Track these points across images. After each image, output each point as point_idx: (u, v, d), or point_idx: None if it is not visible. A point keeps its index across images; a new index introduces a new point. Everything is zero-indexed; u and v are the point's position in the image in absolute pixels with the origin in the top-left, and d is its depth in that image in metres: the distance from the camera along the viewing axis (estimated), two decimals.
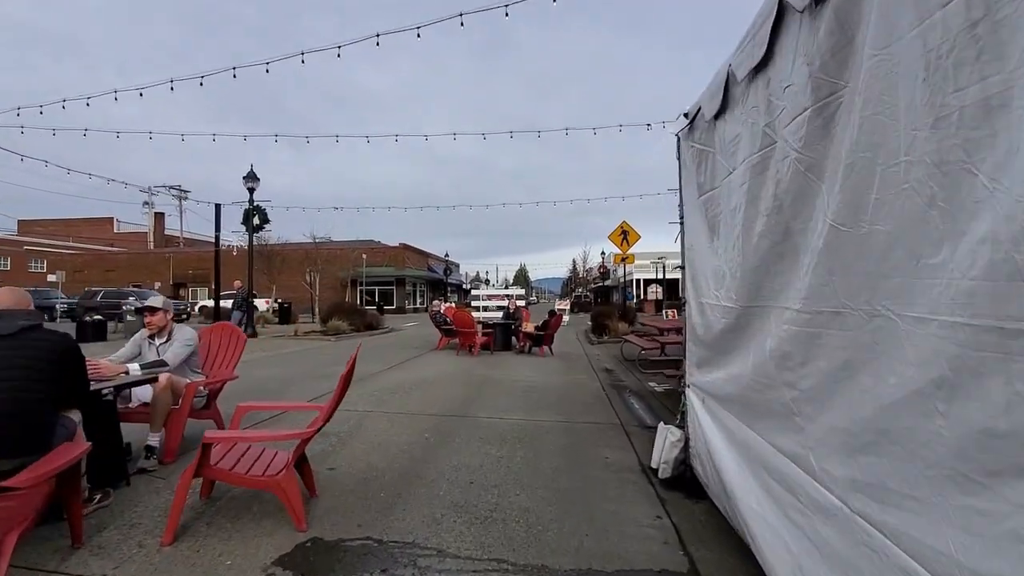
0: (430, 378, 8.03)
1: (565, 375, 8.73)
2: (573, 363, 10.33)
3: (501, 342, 12.05)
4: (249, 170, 16.36)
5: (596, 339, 14.97)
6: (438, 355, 11.33)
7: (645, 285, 48.92)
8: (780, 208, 2.13)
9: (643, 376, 8.47)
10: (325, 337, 15.87)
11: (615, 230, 16.81)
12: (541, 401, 6.45)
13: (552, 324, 11.30)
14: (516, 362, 10.34)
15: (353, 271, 40.33)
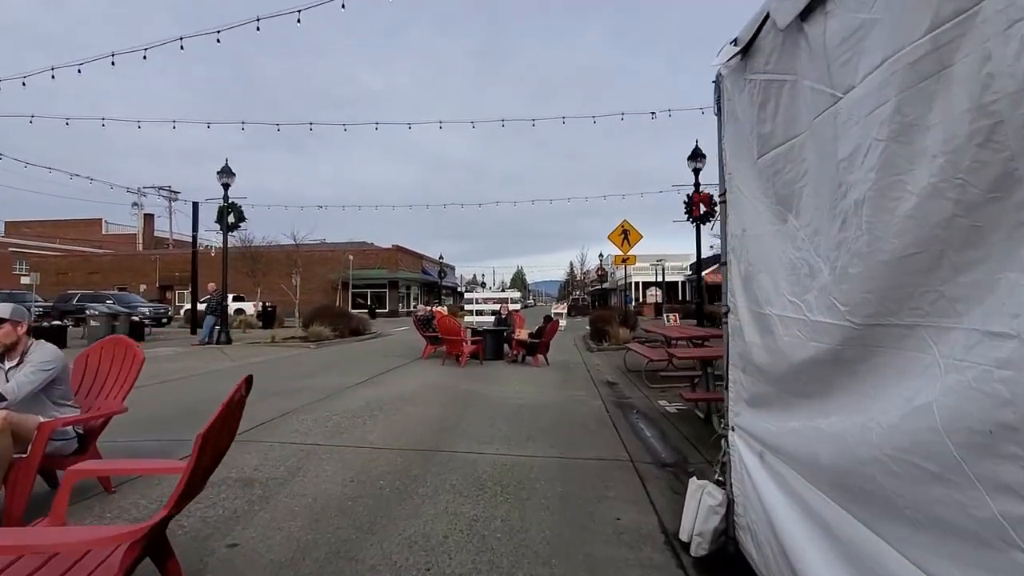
0: (406, 395, 6.95)
1: (562, 390, 7.67)
2: (571, 375, 9.27)
3: (492, 350, 10.98)
4: (224, 164, 15.27)
5: (595, 346, 13.92)
6: (422, 365, 10.25)
7: (644, 288, 47.93)
8: (990, 136, 1.08)
9: (651, 392, 7.42)
10: (304, 344, 14.76)
11: (615, 230, 15.79)
12: (533, 425, 5.38)
13: (548, 331, 10.25)
14: (507, 374, 9.27)
15: (344, 273, 39.22)
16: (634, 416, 5.98)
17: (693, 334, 7.67)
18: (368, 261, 42.02)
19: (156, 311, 26.53)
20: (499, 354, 11.12)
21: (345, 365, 10.30)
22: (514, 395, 7.12)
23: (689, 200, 13.72)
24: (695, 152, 13.80)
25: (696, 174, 13.81)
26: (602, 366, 10.55)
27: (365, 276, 40.60)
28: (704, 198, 13.59)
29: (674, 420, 5.68)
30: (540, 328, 10.48)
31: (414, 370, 9.60)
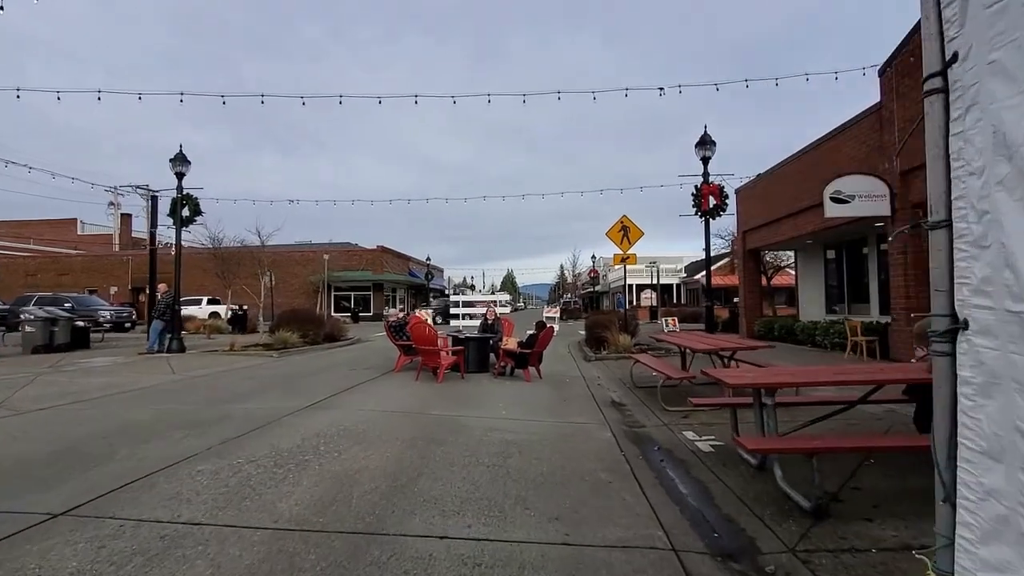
0: (360, 426, 5.41)
1: (560, 415, 6.17)
2: (569, 392, 7.78)
3: (475, 362, 9.47)
4: (178, 151, 13.64)
5: (593, 354, 12.45)
6: (392, 381, 8.71)
7: (638, 291, 46.65)
8: None
9: (670, 418, 5.94)
10: (266, 352, 13.15)
11: (614, 226, 14.35)
12: (524, 476, 3.88)
13: (540, 339, 8.76)
14: (493, 391, 7.76)
15: (327, 275, 37.47)
16: (657, 457, 4.50)
17: (720, 345, 6.23)
18: (352, 262, 40.31)
19: (119, 315, 24.69)
20: (484, 365, 9.61)
21: (301, 380, 8.73)
22: (499, 424, 5.61)
23: (697, 192, 12.33)
24: (703, 139, 12.44)
25: (705, 163, 12.44)
26: (604, 380, 9.07)
27: (348, 278, 38.88)
28: (713, 189, 12.22)
29: (713, 465, 4.21)
30: (532, 335, 9.00)
31: (381, 387, 8.05)
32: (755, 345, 6.07)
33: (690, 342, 6.97)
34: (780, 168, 15.36)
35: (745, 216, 17.74)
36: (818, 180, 12.93)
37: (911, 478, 3.75)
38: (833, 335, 12.37)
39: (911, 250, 9.87)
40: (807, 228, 13.75)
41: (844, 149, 11.89)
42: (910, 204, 9.89)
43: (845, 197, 10.16)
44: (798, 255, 18.33)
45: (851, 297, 15.16)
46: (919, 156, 9.39)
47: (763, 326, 16.50)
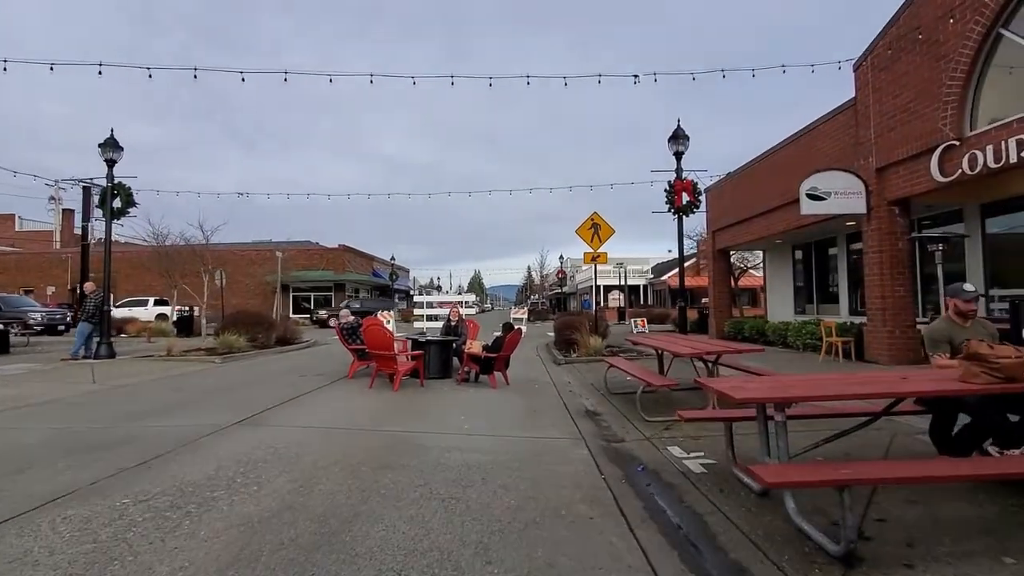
0: (292, 448, 4.58)
1: (529, 430, 5.48)
2: (538, 401, 7.10)
3: (437, 367, 8.69)
4: (109, 135, 12.35)
5: (563, 358, 11.84)
6: (342, 389, 7.85)
7: (606, 292, 46.53)
8: None
9: (651, 429, 5.33)
10: (209, 357, 12.02)
11: (584, 223, 13.81)
12: (485, 516, 3.17)
13: (507, 342, 8.06)
14: (454, 401, 7.02)
15: (284, 275, 35.83)
16: (643, 481, 3.86)
17: (704, 349, 5.67)
18: (312, 262, 38.74)
19: (51, 317, 22.73)
20: (446, 371, 8.85)
21: (239, 390, 7.78)
22: (460, 441, 4.87)
23: (670, 188, 11.89)
24: (676, 133, 12.00)
25: (678, 158, 12.01)
26: (576, 386, 8.44)
27: (308, 278, 37.32)
28: (687, 186, 11.79)
29: (709, 491, 3.59)
30: (498, 338, 8.28)
31: (328, 398, 7.19)
32: (741, 348, 5.54)
33: (670, 345, 6.39)
34: (751, 166, 15.14)
35: (715, 215, 17.52)
36: (790, 178, 12.69)
37: (940, 504, 3.21)
38: (805, 336, 12.12)
39: (887, 249, 9.62)
40: (778, 227, 13.52)
41: (818, 146, 11.66)
42: (886, 201, 9.65)
43: (821, 194, 9.86)
44: (767, 255, 18.23)
45: (820, 297, 15.05)
46: (896, 151, 9.13)
47: (733, 327, 16.26)
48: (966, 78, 8.03)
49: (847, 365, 9.70)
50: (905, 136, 9.02)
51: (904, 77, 9.09)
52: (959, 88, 8.09)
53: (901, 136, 9.11)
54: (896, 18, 9.31)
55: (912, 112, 8.89)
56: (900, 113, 9.15)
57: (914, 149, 8.81)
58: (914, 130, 8.83)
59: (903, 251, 9.62)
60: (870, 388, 3.09)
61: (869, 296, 9.99)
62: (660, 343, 6.77)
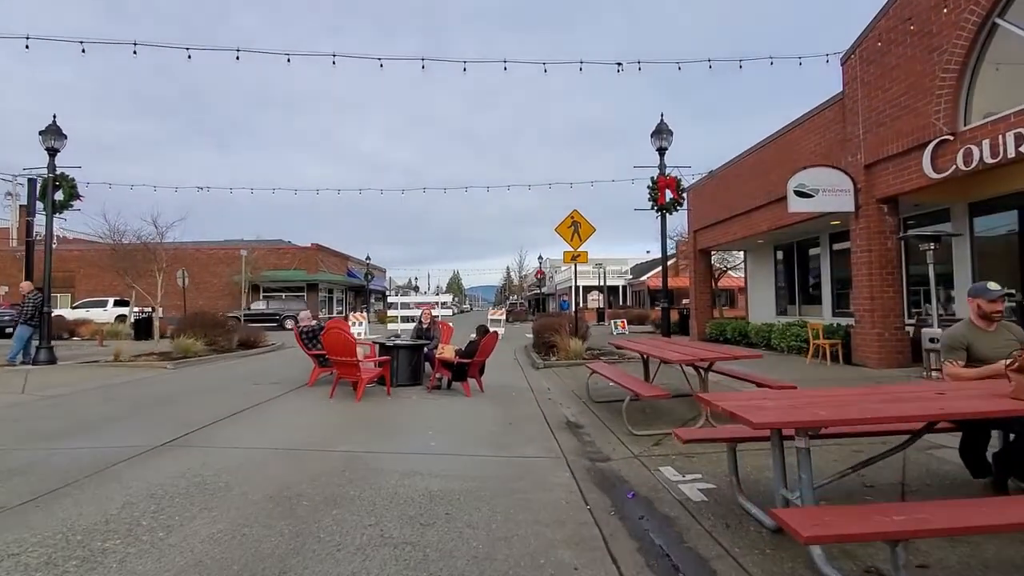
0: (223, 477, 3.90)
1: (504, 447, 4.88)
2: (515, 411, 6.51)
3: (406, 373, 8.04)
4: (51, 122, 11.35)
5: (541, 361, 11.28)
6: (299, 400, 7.14)
7: (585, 292, 46.23)
8: None
9: (637, 444, 4.79)
10: (161, 363, 11.12)
11: (564, 221, 13.26)
12: (445, 567, 2.56)
13: (482, 347, 7.45)
14: (422, 413, 6.38)
15: (254, 275, 34.59)
16: (636, 513, 3.30)
17: (696, 355, 5.15)
18: (284, 261, 37.50)
19: None
20: (416, 377, 8.20)
21: (182, 401, 7.02)
22: (424, 463, 4.25)
23: (653, 185, 11.44)
24: (659, 128, 11.56)
25: (661, 154, 11.57)
26: (555, 392, 7.88)
27: (279, 278, 36.10)
28: (670, 183, 11.36)
29: (713, 526, 3.04)
30: (472, 343, 7.67)
31: (281, 410, 6.48)
32: (737, 354, 5.04)
33: (657, 350, 5.87)
34: (733, 165, 14.82)
35: (697, 215, 17.19)
36: (774, 176, 12.36)
37: (983, 544, 2.72)
38: (790, 337, 11.80)
39: (876, 248, 9.31)
40: (762, 226, 13.20)
41: (803, 143, 11.34)
42: (875, 199, 9.34)
43: (809, 191, 9.50)
44: (748, 255, 17.99)
45: (803, 299, 14.81)
46: (885, 147, 8.80)
47: (714, 328, 15.94)
48: (960, 70, 7.73)
49: (835, 369, 9.35)
50: (895, 131, 8.70)
51: (894, 70, 8.78)
52: (953, 81, 7.79)
53: (891, 131, 8.79)
54: (886, 9, 9.00)
55: (903, 106, 8.57)
56: (890, 108, 8.83)
57: (905, 145, 8.49)
58: (905, 125, 8.52)
59: (892, 250, 9.32)
60: (907, 408, 2.58)
61: (857, 297, 9.67)
62: (646, 348, 6.25)
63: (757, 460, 3.99)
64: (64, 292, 38.38)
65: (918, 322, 9.74)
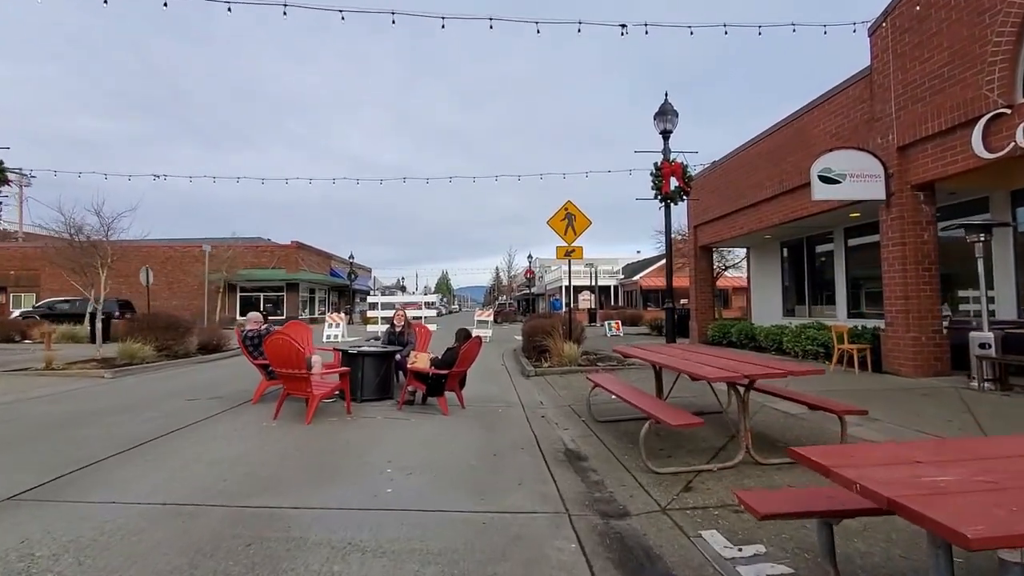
0: (65, 559, 2.64)
1: (484, 495, 3.64)
2: (501, 437, 5.28)
3: (373, 386, 6.79)
4: None
5: (532, 368, 10.08)
6: (236, 421, 5.86)
7: (576, 292, 45.16)
8: None
9: (661, 488, 3.60)
10: (98, 371, 9.75)
11: (557, 213, 12.07)
12: None
13: (462, 355, 6.21)
14: (383, 440, 5.14)
15: (230, 273, 33.05)
16: None
17: (739, 370, 3.97)
18: (262, 259, 35.94)
19: None
20: (386, 390, 6.95)
21: (86, 425, 5.69)
22: (368, 528, 3.01)
23: (656, 171, 10.28)
24: (664, 109, 10.42)
25: (665, 137, 10.42)
26: (549, 407, 6.69)
27: (257, 277, 34.57)
28: (676, 169, 10.21)
29: None
30: (450, 350, 6.44)
31: (204, 437, 5.18)
32: (793, 369, 3.85)
33: (679, 361, 4.67)
34: (739, 154, 13.74)
35: (698, 209, 16.10)
36: (787, 164, 11.28)
37: None
38: (805, 341, 10.72)
39: (911, 241, 8.23)
40: (772, 220, 12.12)
41: (822, 126, 10.25)
42: (909, 185, 8.26)
43: (836, 176, 8.40)
44: (751, 253, 16.94)
45: (813, 299, 13.77)
46: (924, 126, 7.70)
47: (717, 330, 14.86)
48: (1018, 33, 6.65)
49: (865, 378, 8.24)
50: (936, 107, 7.62)
51: (935, 37, 7.70)
52: (1010, 45, 6.71)
53: (931, 107, 7.71)
54: None
55: (946, 78, 7.50)
56: (930, 80, 7.75)
57: (948, 122, 7.42)
58: (948, 99, 7.44)
59: (929, 243, 8.24)
60: None
61: (888, 297, 8.58)
62: (662, 358, 5.05)
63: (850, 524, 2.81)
64: (29, 292, 36.54)
65: (951, 325, 8.68)
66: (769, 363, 4.17)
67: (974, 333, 7.16)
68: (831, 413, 4.01)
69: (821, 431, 5.02)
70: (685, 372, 4.12)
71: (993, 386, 6.90)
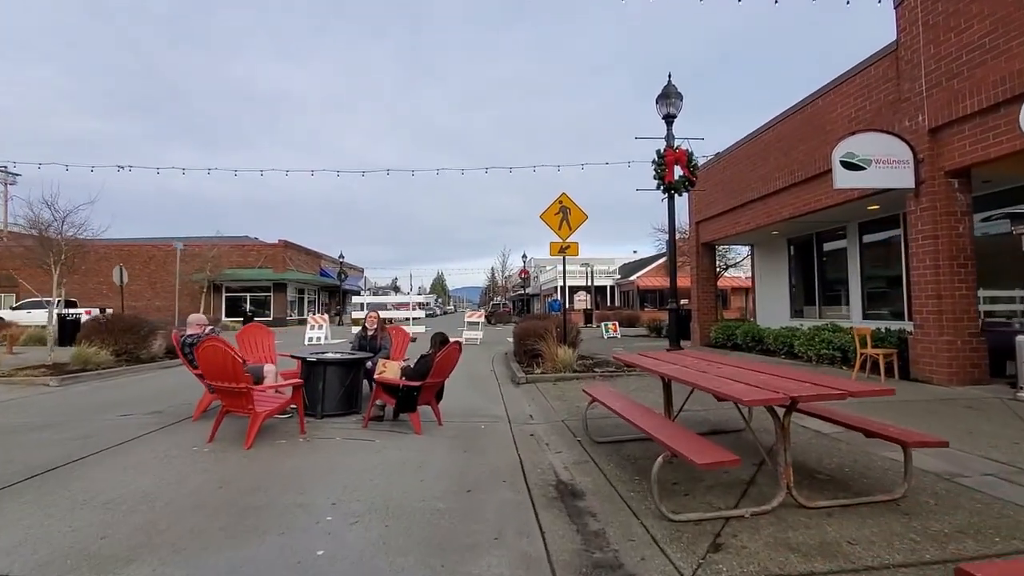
0: None
1: (449, 552, 2.73)
2: (480, 462, 4.38)
3: (336, 400, 5.87)
4: None
5: (523, 374, 9.19)
6: (163, 443, 4.93)
7: (572, 293, 44.31)
8: None
9: (681, 543, 2.71)
10: (44, 378, 8.80)
11: (550, 207, 11.18)
12: None
13: (437, 365, 5.29)
14: (336, 471, 4.22)
15: (215, 273, 32.03)
16: None
17: (786, 390, 3.09)
18: (248, 259, 34.89)
19: None
20: (352, 403, 6.04)
21: (5, 443, 4.76)
22: None
23: (659, 159, 9.40)
24: (667, 91, 9.55)
25: (669, 122, 9.55)
26: (539, 422, 5.80)
27: (242, 277, 33.55)
28: (680, 156, 9.35)
29: None
30: (424, 358, 5.54)
31: (115, 466, 4.25)
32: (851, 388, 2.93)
33: (696, 376, 3.78)
34: (744, 145, 12.89)
35: (700, 204, 15.25)
36: (799, 153, 10.43)
37: None
38: (820, 345, 9.87)
39: (944, 234, 7.38)
40: (782, 213, 11.27)
41: (839, 110, 9.40)
42: (942, 172, 7.41)
43: (859, 162, 7.55)
44: (756, 251, 16.10)
45: (824, 299, 12.93)
46: (960, 104, 6.75)
47: (721, 332, 14.00)
48: None
49: (893, 385, 7.37)
50: (976, 82, 6.78)
51: (973, 4, 6.86)
52: None
53: (970, 83, 6.87)
54: None
55: (988, 49, 6.66)
56: (968, 53, 6.91)
57: (991, 98, 6.58)
58: (991, 72, 6.60)
59: (965, 236, 7.40)
60: None
61: (919, 296, 7.73)
62: (673, 370, 4.16)
63: None
64: (8, 292, 35.39)
65: (984, 327, 7.85)
66: (816, 378, 3.28)
67: (1023, 337, 6.32)
68: (895, 443, 3.13)
69: (868, 459, 4.15)
70: (707, 390, 3.23)
71: None
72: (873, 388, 2.91)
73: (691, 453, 2.88)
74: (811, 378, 3.30)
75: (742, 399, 2.81)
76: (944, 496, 3.37)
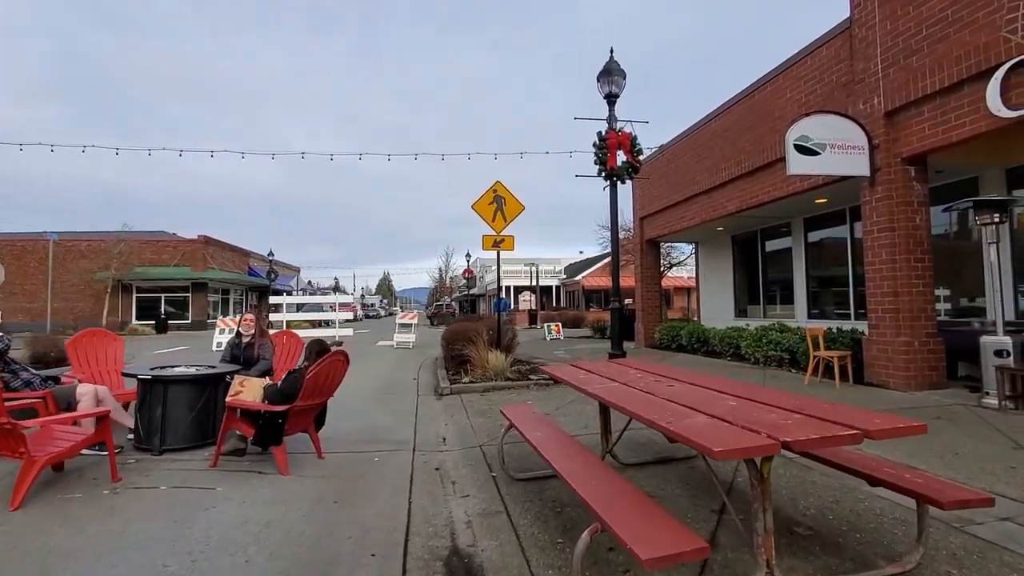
0: None
1: None
2: (350, 525, 3.16)
3: (183, 428, 4.49)
4: None
5: (449, 383, 8.01)
6: None
7: (516, 293, 43.45)
8: None
9: None
10: None
11: (483, 196, 10.09)
12: None
13: (312, 381, 4.02)
14: (127, 546, 2.89)
15: (125, 271, 28.92)
16: None
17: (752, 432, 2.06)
18: (163, 256, 31.80)
19: None
20: (207, 433, 4.66)
21: None
22: None
23: (601, 142, 8.47)
24: (608, 68, 8.63)
25: (611, 102, 8.64)
26: (452, 449, 4.65)
27: (154, 275, 30.49)
28: (623, 139, 8.44)
29: None
30: (293, 375, 4.29)
31: None
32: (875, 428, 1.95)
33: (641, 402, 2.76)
34: (689, 136, 12.26)
35: (644, 199, 14.58)
36: (746, 143, 9.80)
37: None
38: (768, 346, 9.25)
39: (901, 225, 6.81)
40: (727, 207, 10.65)
41: (788, 95, 8.80)
42: (899, 159, 6.84)
43: (814, 146, 6.86)
44: (700, 248, 15.63)
45: (768, 298, 12.49)
46: (919, 84, 6.08)
47: (666, 333, 13.34)
48: None
49: (850, 392, 6.74)
50: (937, 59, 6.21)
51: None
52: None
53: (930, 60, 6.30)
54: None
55: (950, 21, 6.09)
56: (929, 26, 6.34)
57: (953, 76, 6.01)
58: (954, 47, 6.03)
59: (922, 228, 6.86)
60: None
61: (874, 293, 7.14)
62: (612, 393, 3.12)
63: None
64: None
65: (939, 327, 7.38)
66: (809, 405, 2.30)
67: (988, 338, 5.76)
68: (921, 500, 2.20)
69: (854, 502, 3.26)
70: (659, 428, 2.18)
71: (1013, 404, 5.50)
72: (898, 426, 1.94)
73: (633, 533, 1.80)
74: (801, 405, 2.31)
75: (711, 449, 1.76)
76: (966, 561, 2.48)
